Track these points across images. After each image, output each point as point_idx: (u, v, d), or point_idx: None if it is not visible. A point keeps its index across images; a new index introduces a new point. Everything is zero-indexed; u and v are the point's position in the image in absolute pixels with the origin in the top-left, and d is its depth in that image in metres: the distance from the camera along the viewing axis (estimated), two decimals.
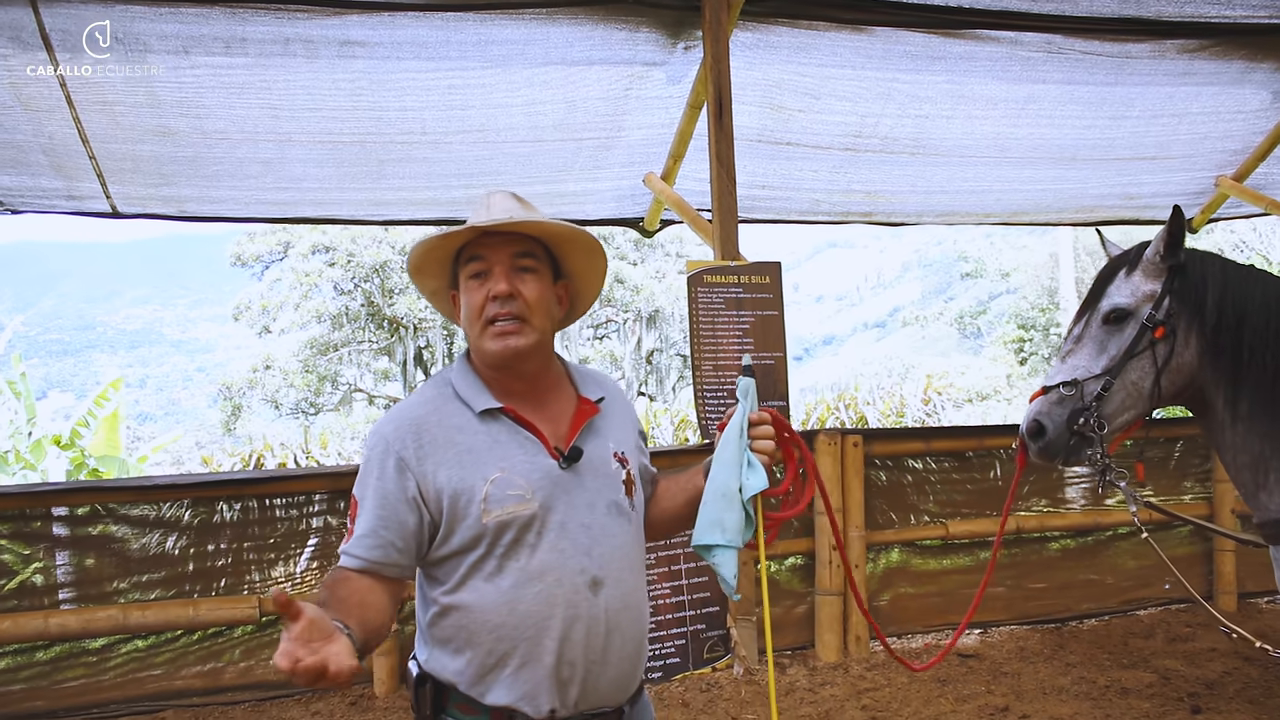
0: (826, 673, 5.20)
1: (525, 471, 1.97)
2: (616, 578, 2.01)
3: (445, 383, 2.08)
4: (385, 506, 1.95)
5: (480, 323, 2.01)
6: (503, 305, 1.99)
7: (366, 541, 1.94)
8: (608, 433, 2.15)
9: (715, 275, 5.19)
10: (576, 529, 1.99)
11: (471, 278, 2.03)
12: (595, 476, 2.05)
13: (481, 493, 1.93)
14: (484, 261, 2.02)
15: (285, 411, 27.48)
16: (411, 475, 1.95)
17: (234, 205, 6.09)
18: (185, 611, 4.71)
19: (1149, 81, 6.38)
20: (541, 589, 1.93)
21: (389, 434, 1.98)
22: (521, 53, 5.31)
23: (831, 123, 6.25)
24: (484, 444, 1.98)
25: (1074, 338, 3.15)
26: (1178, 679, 4.98)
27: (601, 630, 1.98)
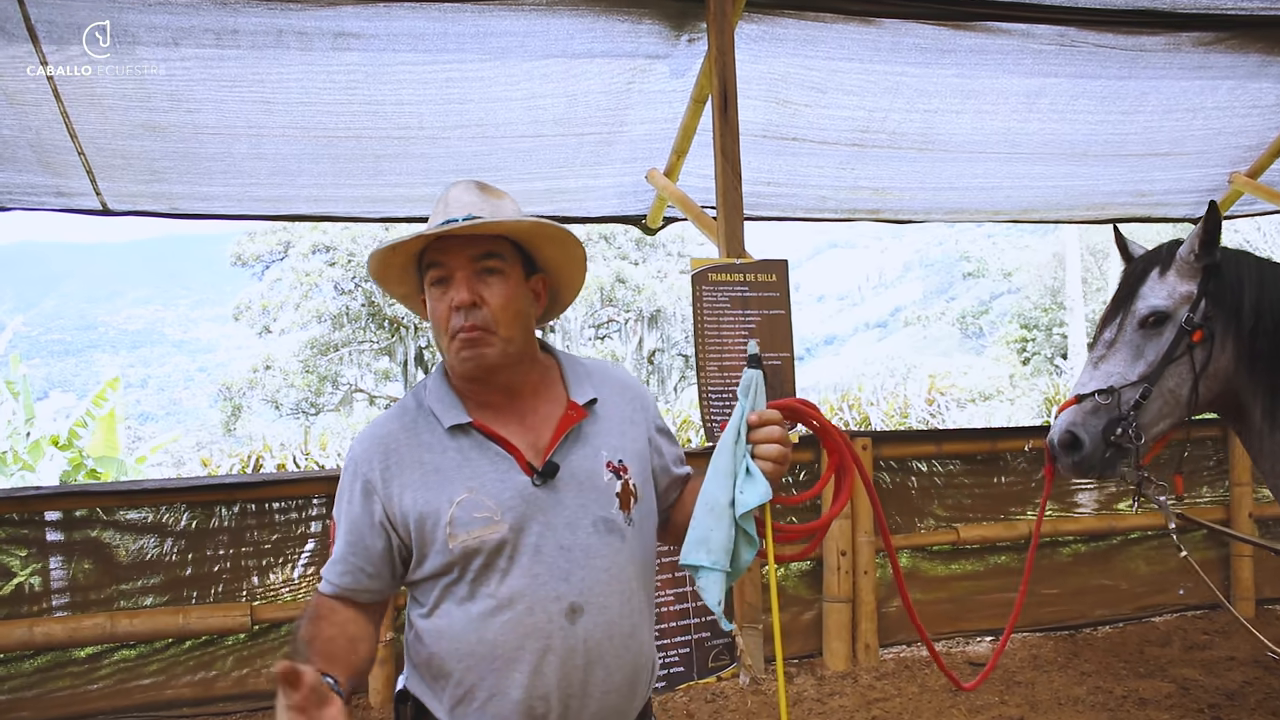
0: (835, 682, 5.06)
1: (495, 491, 1.82)
2: (600, 604, 1.84)
3: (422, 395, 1.95)
4: (354, 531, 1.86)
5: (446, 334, 1.85)
6: (466, 316, 1.82)
7: (338, 567, 1.86)
8: (600, 439, 1.95)
9: (720, 273, 5.04)
10: (553, 551, 1.83)
11: (433, 285, 1.87)
12: (579, 491, 1.88)
13: (447, 515, 1.80)
14: (443, 268, 1.85)
15: (286, 412, 27.41)
16: (378, 499, 1.84)
17: (227, 202, 5.94)
18: (175, 620, 4.56)
19: (1163, 75, 6.24)
20: (510, 617, 1.79)
21: (358, 455, 1.88)
22: (521, 45, 5.17)
23: (838, 117, 6.10)
24: (452, 463, 1.84)
25: (1105, 342, 3.00)
26: (1197, 689, 4.83)
27: (579, 662, 1.81)
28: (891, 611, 5.56)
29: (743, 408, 1.90)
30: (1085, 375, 3.00)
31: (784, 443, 1.89)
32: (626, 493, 1.93)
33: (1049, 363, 32.59)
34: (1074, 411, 2.95)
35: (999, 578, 5.80)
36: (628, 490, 1.94)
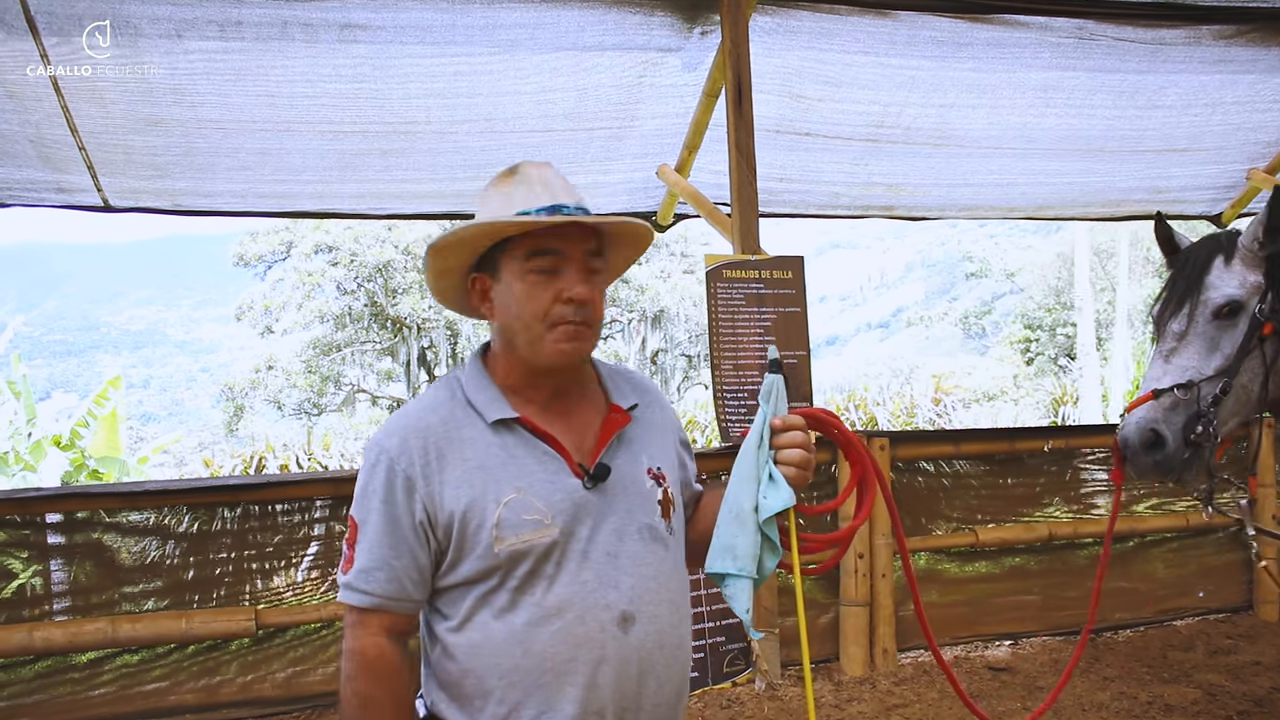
0: (853, 688, 4.95)
1: (544, 492, 1.72)
2: (650, 613, 1.75)
3: (455, 386, 1.82)
4: (395, 533, 1.70)
5: (543, 324, 1.74)
6: (576, 311, 1.74)
7: (379, 574, 1.70)
8: (642, 446, 1.88)
9: (735, 270, 4.93)
10: (600, 558, 1.73)
11: (536, 272, 1.74)
12: (625, 497, 1.79)
13: (494, 517, 1.68)
14: (557, 257, 1.74)
15: (288, 412, 27.35)
16: (419, 496, 1.70)
17: (230, 199, 5.84)
18: (178, 624, 4.45)
19: (1183, 69, 6.12)
20: (560, 627, 1.68)
21: (392, 448, 1.73)
22: (531, 37, 5.06)
23: (852, 112, 5.99)
24: (497, 460, 1.73)
25: (1174, 334, 2.84)
26: (1224, 695, 4.72)
27: (633, 673, 1.72)
28: (909, 615, 5.45)
29: (764, 413, 1.84)
30: (1157, 369, 2.85)
31: (807, 449, 1.82)
32: (666, 501, 1.87)
33: (1053, 363, 32.50)
34: (1152, 408, 2.79)
35: (1015, 580, 5.70)
36: (667, 499, 1.87)
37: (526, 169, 1.81)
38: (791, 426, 1.81)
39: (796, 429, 1.82)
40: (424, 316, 25.12)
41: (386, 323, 26.09)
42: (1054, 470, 5.81)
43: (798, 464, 1.80)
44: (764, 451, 1.82)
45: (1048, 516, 5.75)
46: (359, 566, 1.71)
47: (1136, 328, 22.18)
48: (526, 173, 1.80)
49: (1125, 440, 2.82)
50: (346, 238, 25.10)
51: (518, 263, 1.75)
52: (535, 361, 1.78)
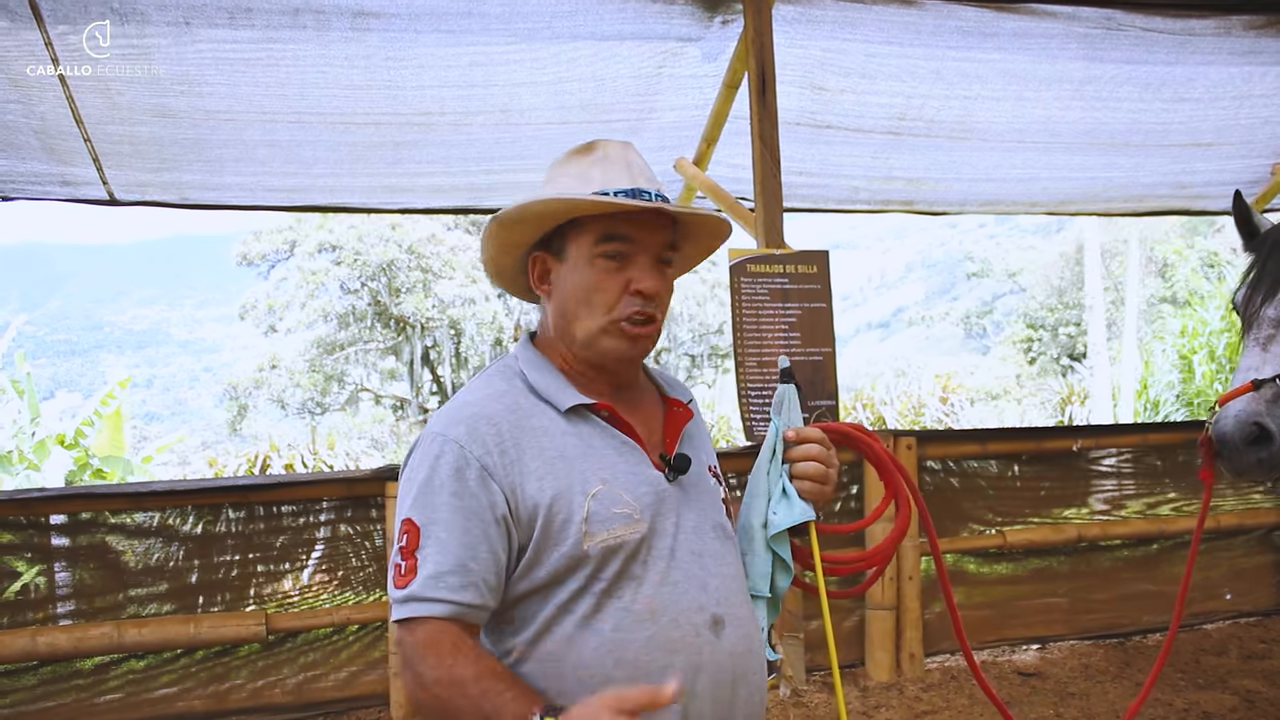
0: (879, 694, 4.81)
1: (629, 484, 1.59)
2: (737, 615, 1.63)
3: (514, 374, 1.68)
4: (471, 532, 1.51)
5: (608, 316, 1.62)
6: (645, 304, 1.62)
7: (452, 580, 1.49)
8: (699, 443, 1.78)
9: (759, 264, 4.80)
10: (687, 557, 1.60)
11: (605, 257, 1.62)
12: (699, 493, 1.68)
13: (583, 510, 1.54)
14: (630, 244, 1.62)
15: (292, 411, 27.25)
16: (499, 488, 1.53)
17: (239, 192, 5.71)
18: (186, 628, 4.32)
19: (1211, 61, 5.98)
20: (654, 633, 1.54)
21: (461, 436, 1.55)
22: (548, 26, 4.93)
23: (875, 104, 5.85)
24: (576, 450, 1.59)
25: (1272, 320, 2.69)
26: (1262, 702, 4.59)
27: (728, 679, 1.59)
28: (935, 618, 5.32)
29: (776, 426, 1.75)
30: (1254, 358, 2.67)
31: (825, 462, 1.71)
32: (729, 500, 1.78)
33: (1055, 363, 32.38)
34: (1253, 400, 2.58)
35: (1041, 582, 5.56)
36: (728, 498, 1.78)
37: (608, 147, 1.68)
38: (806, 439, 1.72)
39: (813, 441, 1.72)
40: (428, 316, 25.01)
41: (390, 322, 25.98)
42: (1081, 470, 5.68)
43: (814, 478, 1.71)
44: (776, 466, 1.74)
45: (1076, 517, 5.62)
46: (427, 573, 1.50)
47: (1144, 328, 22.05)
48: (608, 151, 1.68)
49: (1223, 436, 2.60)
50: (350, 236, 24.98)
51: (588, 246, 1.63)
52: (588, 353, 1.66)
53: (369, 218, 24.73)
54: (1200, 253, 26.02)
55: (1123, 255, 27.16)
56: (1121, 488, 5.79)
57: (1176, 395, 14.60)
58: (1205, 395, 13.74)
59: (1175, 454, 5.87)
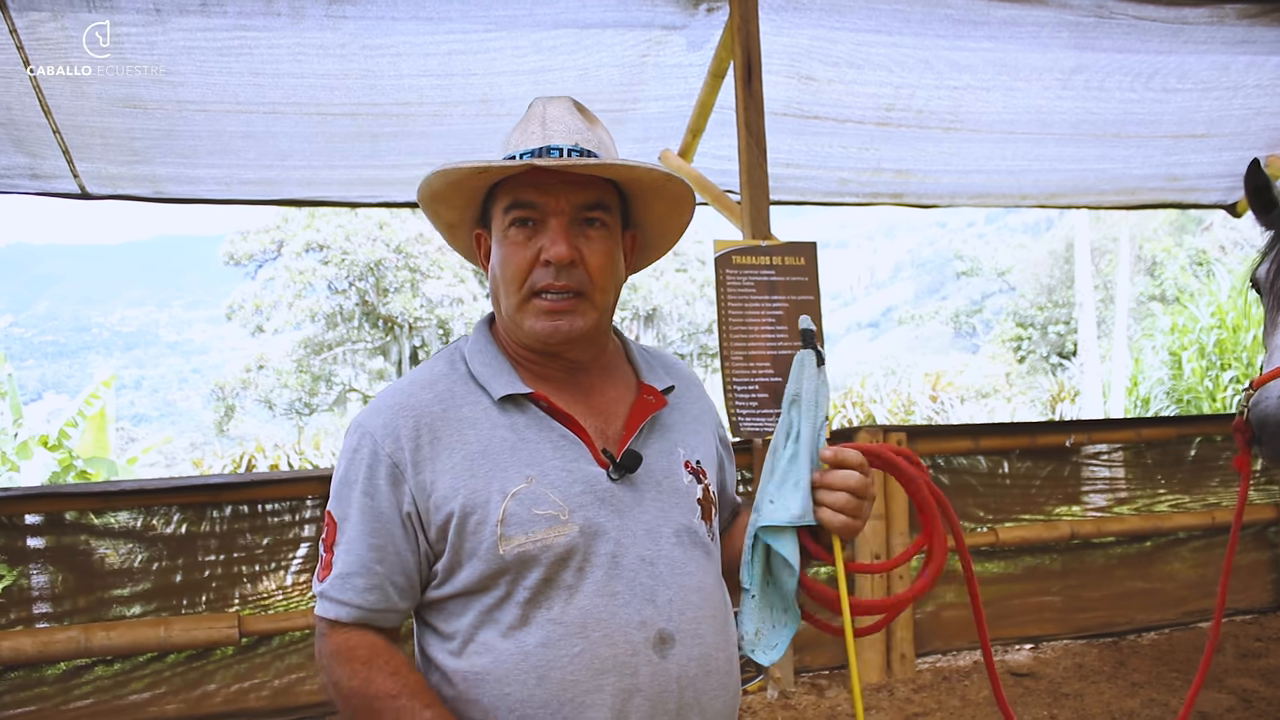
0: (870, 695, 4.71)
1: (561, 482, 1.43)
2: (692, 631, 1.47)
3: (457, 359, 1.55)
4: (379, 532, 1.43)
5: (521, 292, 1.47)
6: (558, 275, 1.45)
7: (358, 581, 1.42)
8: (678, 434, 1.60)
9: (745, 256, 4.69)
10: (633, 564, 1.44)
11: (514, 226, 1.47)
12: (660, 493, 1.51)
13: (498, 511, 1.40)
14: (534, 209, 1.46)
15: (279, 412, 27.14)
16: (408, 487, 1.43)
17: (214, 185, 5.58)
18: (156, 632, 4.18)
19: (1204, 50, 5.88)
20: (583, 649, 1.39)
21: (377, 430, 1.46)
22: (529, 13, 4.81)
23: (863, 94, 5.74)
24: (504, 444, 1.45)
25: None
26: (1259, 702, 4.49)
27: (671, 705, 1.43)
28: (926, 618, 5.22)
29: (790, 395, 1.55)
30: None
31: (861, 494, 1.51)
32: (708, 500, 1.58)
33: (1045, 361, 32.39)
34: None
35: (1034, 580, 5.47)
36: (708, 498, 1.59)
37: (535, 106, 1.55)
38: (844, 463, 1.51)
39: (850, 467, 1.51)
40: (416, 315, 24.90)
41: (378, 321, 25.86)
42: (1074, 466, 5.59)
43: (846, 511, 1.50)
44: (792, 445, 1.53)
45: (1069, 514, 5.53)
46: (336, 572, 1.44)
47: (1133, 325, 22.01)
48: (532, 111, 1.54)
49: (1265, 419, 2.41)
50: (338, 236, 24.85)
51: (500, 216, 1.50)
52: (522, 337, 1.53)
53: (355, 216, 24.61)
54: (1189, 251, 26.02)
55: (1112, 253, 27.18)
56: (1115, 484, 5.70)
57: (1166, 392, 14.53)
58: (1195, 392, 13.68)
59: (1169, 449, 5.78)
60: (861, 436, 4.92)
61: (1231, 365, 13.12)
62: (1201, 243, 25.85)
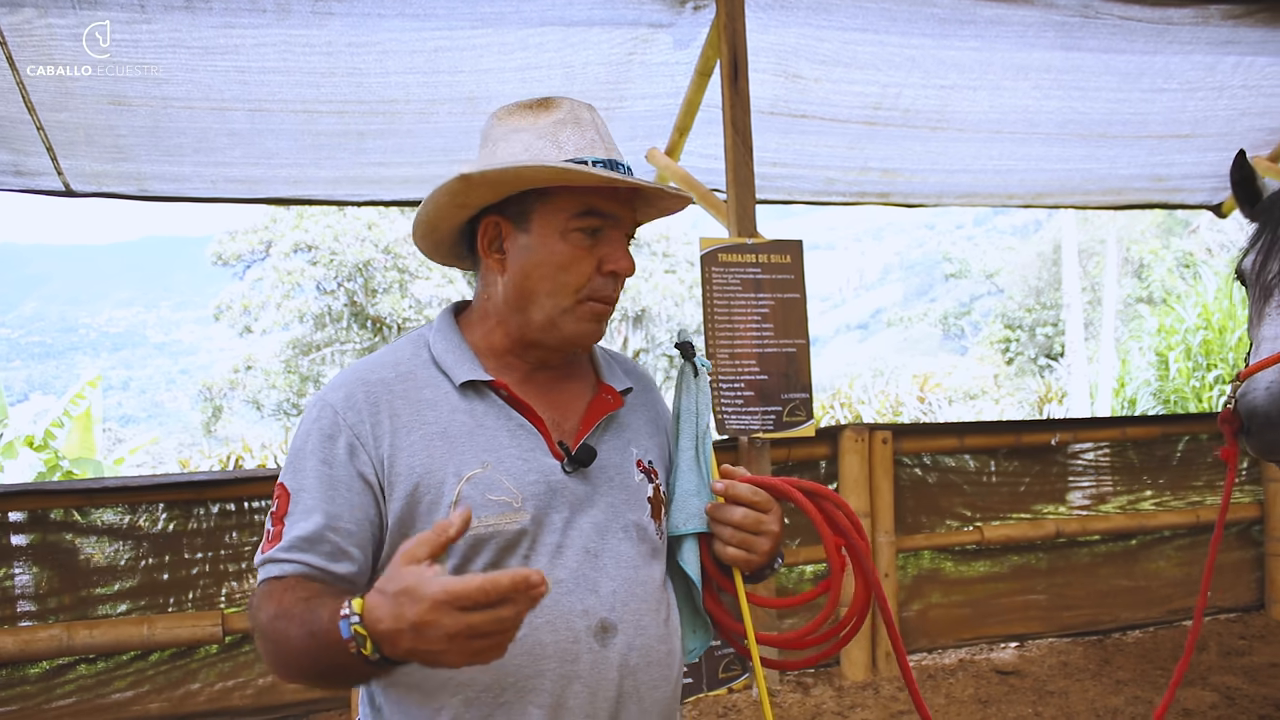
0: (855, 693, 4.71)
1: (516, 470, 1.45)
2: (635, 622, 1.49)
3: (420, 343, 1.55)
4: (335, 500, 1.40)
5: (575, 295, 1.49)
6: (615, 285, 1.51)
7: (318, 549, 1.38)
8: (632, 434, 1.62)
9: (731, 254, 4.69)
10: (577, 555, 1.46)
11: (582, 233, 1.48)
12: (611, 488, 1.53)
13: (452, 493, 1.41)
14: (607, 220, 1.49)
15: (267, 413, 27.06)
16: (368, 457, 1.42)
17: (199, 184, 5.56)
18: (139, 630, 4.16)
19: (1190, 50, 5.91)
20: (526, 634, 1.39)
21: (338, 401, 1.45)
22: (516, 10, 4.80)
23: (850, 93, 5.75)
24: (462, 428, 1.46)
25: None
26: (1243, 699, 4.51)
27: (611, 693, 1.45)
28: (911, 616, 5.23)
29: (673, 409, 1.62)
30: (1277, 326, 2.47)
31: (754, 530, 1.51)
32: (658, 499, 1.60)
33: (1033, 363, 32.47)
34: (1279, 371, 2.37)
35: (1020, 579, 5.48)
36: (659, 497, 1.60)
37: (577, 109, 1.53)
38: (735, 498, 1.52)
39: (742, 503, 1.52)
40: (404, 316, 24.83)
41: (366, 322, 25.77)
42: (1059, 465, 5.60)
43: (734, 544, 1.52)
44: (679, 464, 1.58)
45: (1054, 513, 5.54)
46: (290, 536, 1.39)
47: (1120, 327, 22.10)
48: (577, 113, 1.53)
49: (1254, 409, 2.39)
50: (326, 236, 24.78)
51: (561, 218, 1.49)
52: (547, 334, 1.53)
53: (344, 216, 24.55)
54: (1176, 253, 26.12)
55: (1100, 255, 27.27)
56: (1100, 483, 5.72)
57: (1153, 393, 14.61)
58: (1181, 392, 13.75)
59: (1154, 448, 5.80)
60: (847, 434, 4.93)
61: (1217, 365, 13.19)
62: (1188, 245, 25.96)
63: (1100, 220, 25.76)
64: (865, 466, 4.93)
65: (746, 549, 1.52)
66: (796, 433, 4.67)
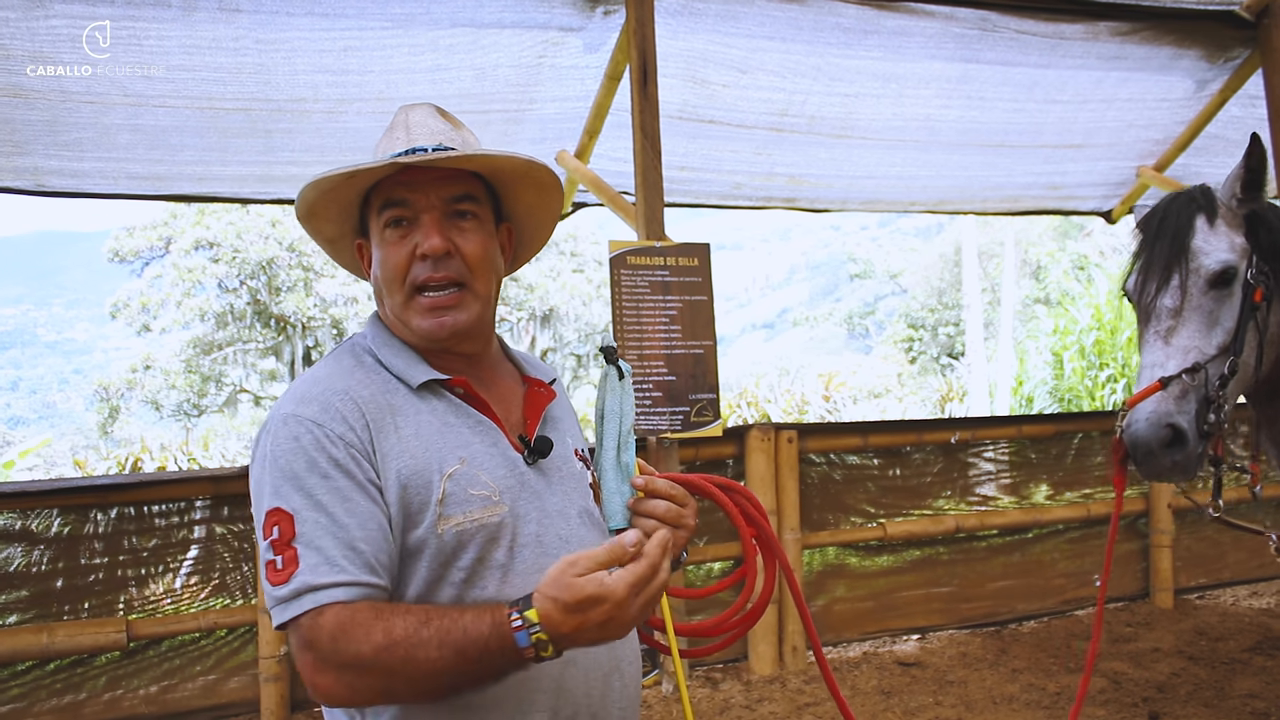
0: (763, 687, 4.81)
1: (489, 465, 1.49)
2: None
3: (363, 352, 1.58)
4: (354, 512, 1.39)
5: (404, 290, 1.52)
6: (435, 267, 1.50)
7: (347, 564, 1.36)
8: (565, 426, 1.69)
9: (640, 256, 4.76)
10: (556, 544, 1.52)
11: (389, 227, 1.52)
12: (562, 477, 1.60)
13: (438, 491, 1.44)
14: (406, 207, 1.52)
15: (167, 413, 26.35)
16: (367, 462, 1.43)
17: (100, 180, 5.43)
18: (38, 639, 4.07)
19: (1080, 65, 6.15)
20: None
21: (316, 414, 1.44)
22: (427, 11, 4.81)
23: (757, 99, 5.87)
24: (432, 427, 1.49)
25: (1169, 310, 2.51)
26: (1128, 683, 4.72)
27: (602, 672, 1.52)
28: (817, 610, 5.36)
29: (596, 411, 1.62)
30: (1157, 352, 2.50)
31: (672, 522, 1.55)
32: (596, 487, 1.67)
33: (935, 362, 33.21)
34: (1163, 400, 2.42)
35: (922, 573, 5.65)
36: (595, 484, 1.67)
37: (399, 114, 1.60)
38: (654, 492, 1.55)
39: (660, 496, 1.56)
40: (309, 315, 24.43)
41: (270, 321, 25.29)
42: (959, 462, 5.78)
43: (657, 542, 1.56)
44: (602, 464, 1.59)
45: (954, 509, 5.72)
46: (316, 561, 1.35)
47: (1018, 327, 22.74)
48: (397, 119, 1.60)
49: (1137, 440, 2.44)
50: (229, 233, 24.25)
51: (378, 223, 1.55)
52: (407, 336, 1.57)
53: (247, 213, 24.06)
54: (1071, 255, 26.94)
55: (999, 257, 28.02)
56: (998, 479, 5.92)
57: (1049, 391, 15.10)
58: (1075, 390, 14.23)
59: (1049, 445, 6.02)
60: (753, 434, 5.03)
61: (1109, 364, 13.69)
62: (1083, 248, 26.81)
63: (1000, 223, 26.45)
64: (771, 465, 5.03)
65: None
66: (704, 433, 4.76)
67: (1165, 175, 7.23)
